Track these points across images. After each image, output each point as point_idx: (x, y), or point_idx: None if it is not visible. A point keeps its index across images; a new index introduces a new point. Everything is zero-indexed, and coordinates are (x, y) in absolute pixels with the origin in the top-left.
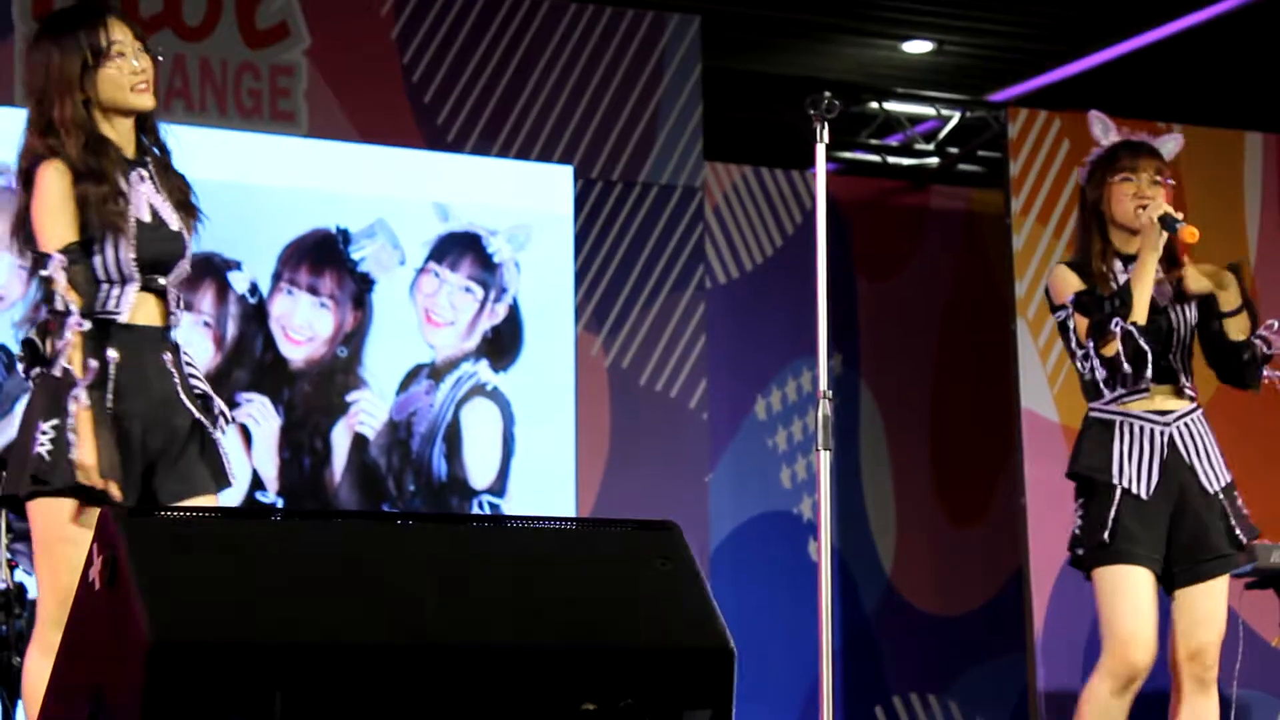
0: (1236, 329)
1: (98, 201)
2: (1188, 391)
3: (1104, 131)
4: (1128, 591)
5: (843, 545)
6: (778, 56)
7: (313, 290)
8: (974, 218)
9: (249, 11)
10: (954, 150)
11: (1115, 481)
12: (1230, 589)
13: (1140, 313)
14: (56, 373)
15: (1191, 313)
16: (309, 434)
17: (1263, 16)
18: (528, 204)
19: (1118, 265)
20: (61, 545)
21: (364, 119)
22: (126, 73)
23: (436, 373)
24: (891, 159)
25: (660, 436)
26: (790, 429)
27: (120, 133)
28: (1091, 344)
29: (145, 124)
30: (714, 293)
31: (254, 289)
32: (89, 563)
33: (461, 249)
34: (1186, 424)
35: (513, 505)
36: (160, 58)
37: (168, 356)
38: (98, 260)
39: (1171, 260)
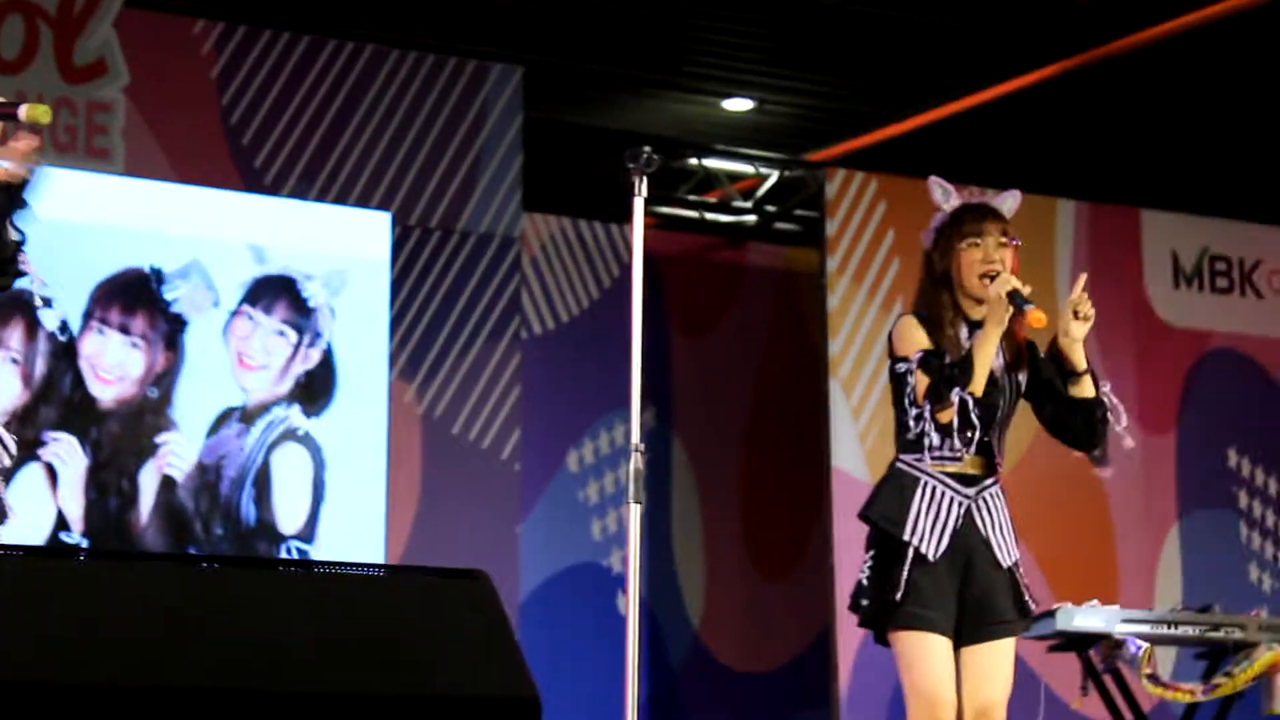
0: (1087, 388)
1: None
2: (996, 464)
3: (945, 196)
4: (928, 657)
5: (651, 599)
6: (599, 109)
7: (124, 329)
8: (790, 276)
9: (67, 47)
10: (771, 208)
11: (906, 539)
12: (1032, 651)
13: (979, 384)
14: None
15: (1018, 384)
16: (116, 474)
17: (1076, 85)
18: (344, 249)
19: (964, 331)
20: None
21: (181, 159)
22: None
23: (248, 416)
24: (709, 215)
25: (472, 486)
26: (602, 481)
27: None
28: (928, 405)
29: None
30: (529, 343)
31: (64, 327)
32: None
33: (276, 292)
34: (986, 498)
35: (321, 551)
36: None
37: None
38: None
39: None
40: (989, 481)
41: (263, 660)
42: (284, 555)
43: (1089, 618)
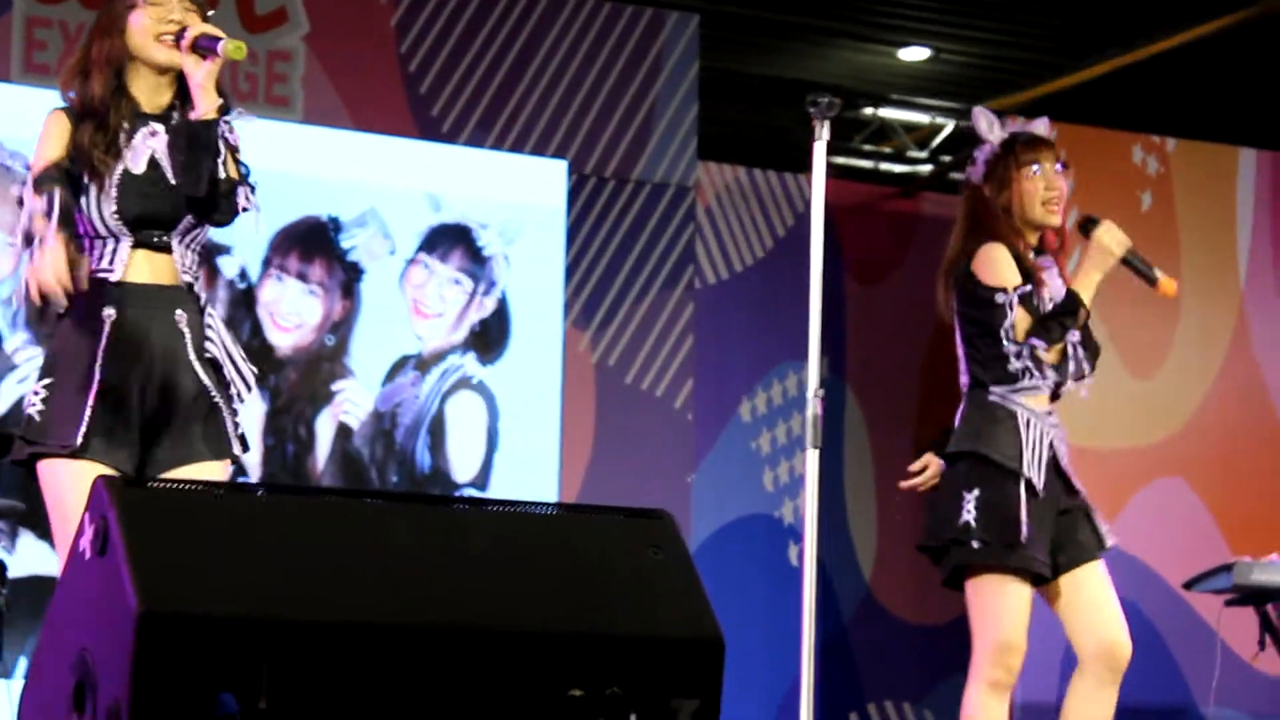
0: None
1: (90, 146)
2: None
3: (989, 127)
4: (1021, 603)
5: (823, 550)
6: (774, 58)
7: (302, 277)
8: None
9: None
10: (947, 158)
11: (1026, 473)
12: (1209, 605)
13: (1081, 322)
14: (21, 241)
15: None
16: (293, 421)
17: (1258, 33)
18: (520, 197)
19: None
20: (63, 504)
21: (359, 107)
22: (154, 21)
23: (423, 364)
24: (884, 165)
25: (645, 435)
26: (774, 432)
27: (148, 85)
28: (1037, 343)
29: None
30: (703, 293)
31: (243, 274)
32: (80, 531)
33: (452, 241)
34: (1057, 426)
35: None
36: (209, 14)
37: (181, 315)
38: (83, 212)
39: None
40: (1053, 411)
41: (447, 597)
42: None
43: (1268, 572)
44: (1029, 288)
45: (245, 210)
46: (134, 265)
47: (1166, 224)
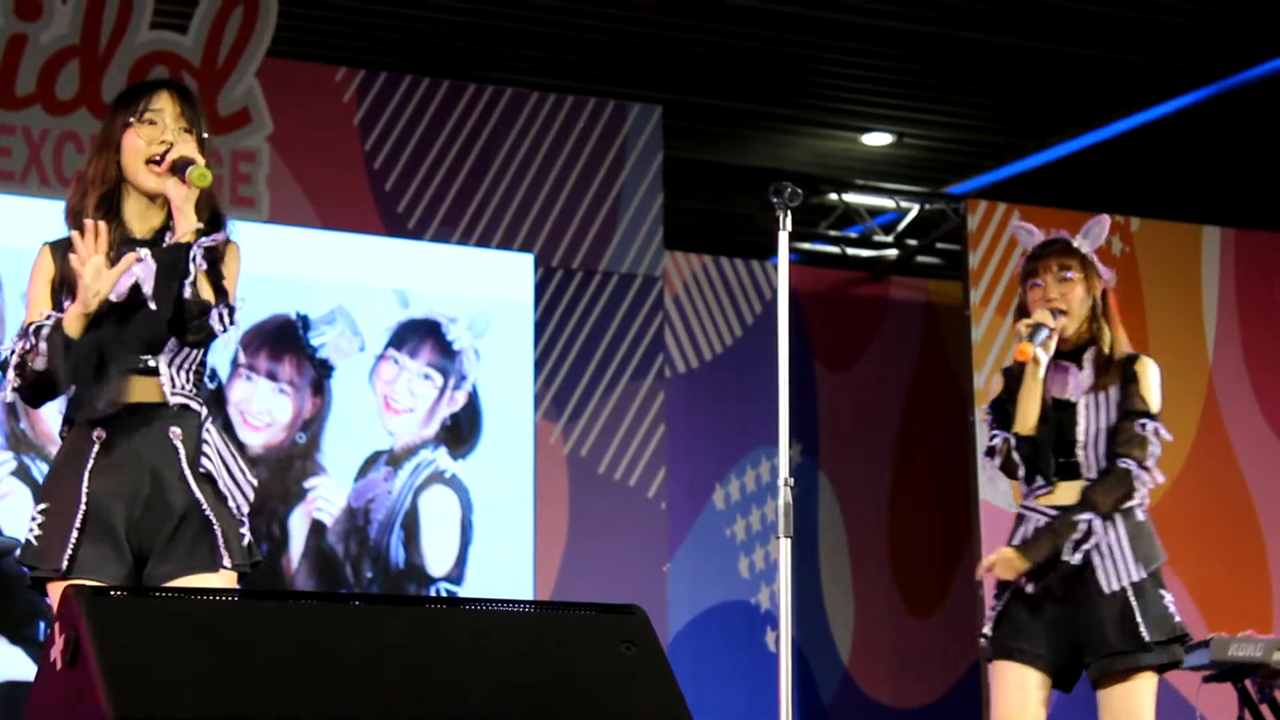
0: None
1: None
2: None
3: (1028, 238)
4: (1007, 688)
5: (800, 635)
6: (737, 147)
7: (272, 376)
8: (933, 309)
9: (211, 97)
10: (913, 242)
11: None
12: (1188, 682)
13: (1021, 423)
14: (11, 379)
15: (1109, 403)
16: (266, 520)
17: (1220, 112)
18: (488, 291)
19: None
20: None
21: (325, 205)
22: (146, 143)
23: (395, 459)
24: (850, 250)
25: (618, 525)
26: (749, 518)
27: (139, 208)
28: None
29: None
30: (673, 381)
31: (213, 374)
32: (49, 642)
33: (421, 336)
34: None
35: (470, 592)
36: (205, 135)
37: (175, 431)
38: None
39: (1098, 353)
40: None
41: (420, 697)
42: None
43: (1244, 648)
44: (998, 398)
45: (223, 332)
46: (125, 389)
47: (1132, 304)
